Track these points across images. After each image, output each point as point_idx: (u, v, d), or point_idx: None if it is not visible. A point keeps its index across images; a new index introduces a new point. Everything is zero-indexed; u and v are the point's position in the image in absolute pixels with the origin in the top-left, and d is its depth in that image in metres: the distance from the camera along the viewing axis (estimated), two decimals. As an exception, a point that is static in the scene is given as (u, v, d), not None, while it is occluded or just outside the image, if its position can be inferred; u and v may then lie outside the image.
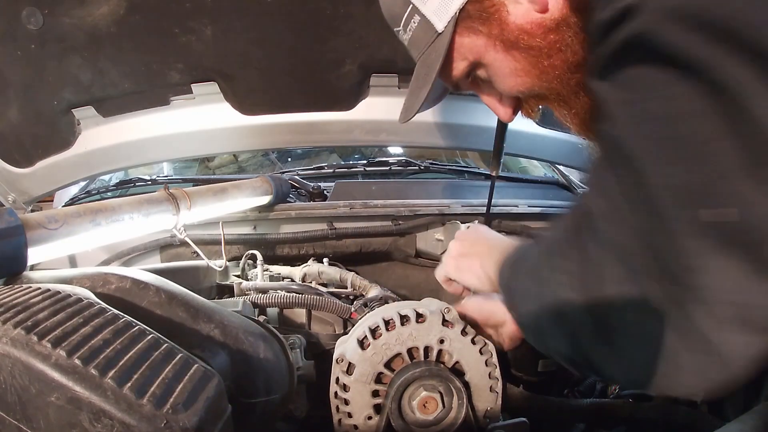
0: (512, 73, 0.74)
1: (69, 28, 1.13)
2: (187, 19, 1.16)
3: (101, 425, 0.48)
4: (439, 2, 0.71)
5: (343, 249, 1.44)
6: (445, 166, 2.06)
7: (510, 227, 1.49)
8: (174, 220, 1.05)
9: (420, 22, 0.74)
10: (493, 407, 0.85)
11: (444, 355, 0.83)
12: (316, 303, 1.09)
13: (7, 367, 0.49)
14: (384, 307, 0.91)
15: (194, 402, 0.53)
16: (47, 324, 0.52)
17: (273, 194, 1.37)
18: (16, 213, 0.70)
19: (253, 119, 1.44)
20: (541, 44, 0.68)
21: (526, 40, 0.69)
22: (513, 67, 0.73)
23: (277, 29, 1.22)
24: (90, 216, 0.85)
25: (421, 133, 1.55)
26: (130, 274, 0.74)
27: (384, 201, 1.47)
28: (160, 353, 0.56)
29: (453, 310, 0.86)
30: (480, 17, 0.70)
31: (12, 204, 1.49)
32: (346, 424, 0.83)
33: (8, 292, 0.58)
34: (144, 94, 1.35)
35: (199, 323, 0.74)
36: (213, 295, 1.27)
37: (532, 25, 0.68)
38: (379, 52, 1.28)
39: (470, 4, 0.70)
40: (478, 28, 0.71)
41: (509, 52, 0.71)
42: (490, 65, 0.75)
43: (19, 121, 1.31)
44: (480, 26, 0.71)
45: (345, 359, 0.82)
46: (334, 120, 1.47)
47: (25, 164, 1.44)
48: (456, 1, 0.70)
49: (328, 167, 1.99)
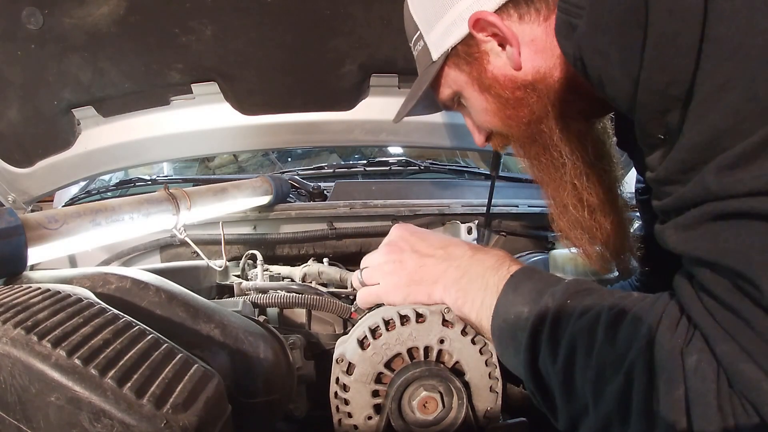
0: (483, 111, 0.85)
1: (69, 28, 1.13)
2: (188, 19, 1.16)
3: (101, 425, 0.48)
4: (438, 37, 0.82)
5: (343, 249, 1.44)
6: (445, 166, 2.06)
7: (510, 227, 1.49)
8: (174, 220, 1.05)
9: (423, 47, 0.85)
10: (493, 407, 0.85)
11: (444, 355, 0.83)
12: (316, 303, 1.09)
13: (6, 367, 0.49)
14: (384, 307, 0.91)
15: (194, 402, 0.53)
16: (47, 324, 0.52)
17: (273, 194, 1.37)
18: (16, 213, 0.70)
19: (253, 119, 1.44)
20: (509, 96, 0.79)
21: (496, 89, 0.80)
22: (484, 107, 0.84)
23: (277, 29, 1.22)
24: (90, 216, 0.85)
25: (421, 133, 1.55)
26: (130, 274, 0.74)
27: (384, 201, 1.47)
28: (160, 353, 0.56)
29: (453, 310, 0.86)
30: (466, 59, 0.81)
31: (12, 204, 1.49)
32: (346, 424, 0.83)
33: (8, 292, 0.58)
34: (144, 94, 1.35)
35: (199, 323, 0.74)
36: (213, 295, 1.27)
37: (505, 78, 0.79)
38: (379, 52, 1.28)
39: (461, 45, 0.80)
40: (463, 66, 0.82)
41: (483, 93, 0.82)
42: (468, 99, 0.86)
43: (19, 121, 1.31)
44: (464, 65, 0.82)
45: (345, 359, 0.82)
46: (334, 120, 1.47)
47: (25, 164, 1.44)
48: (450, 39, 0.80)
49: (328, 167, 1.99)
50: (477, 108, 0.86)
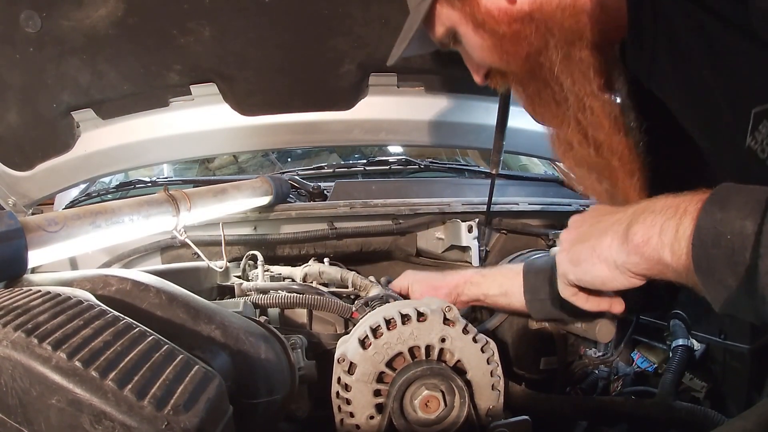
0: (479, 48, 0.82)
1: (67, 30, 1.13)
2: (186, 21, 1.16)
3: (102, 427, 0.48)
4: None
5: (343, 248, 1.44)
6: (445, 164, 2.06)
7: (510, 225, 1.49)
8: (174, 222, 1.05)
9: None
10: (495, 405, 0.85)
11: (445, 354, 0.83)
12: (317, 303, 1.09)
13: (8, 370, 0.49)
14: (385, 306, 0.91)
15: (195, 403, 0.53)
16: (48, 327, 0.52)
17: (273, 194, 1.37)
18: (16, 216, 0.70)
19: (252, 120, 1.44)
20: (505, 31, 0.76)
21: (491, 24, 0.77)
22: (480, 44, 0.81)
23: (275, 29, 1.22)
24: (90, 218, 0.85)
25: (420, 132, 1.55)
26: (131, 276, 0.74)
27: (384, 200, 1.46)
28: (160, 355, 0.56)
29: (454, 309, 0.86)
30: None
31: (12, 207, 1.49)
32: (348, 424, 0.83)
33: (9, 295, 0.58)
34: (143, 95, 1.35)
35: (200, 324, 0.74)
36: (214, 296, 1.27)
37: (499, 12, 0.76)
38: (377, 51, 1.28)
39: None
40: (455, 2, 0.78)
41: (477, 30, 0.79)
42: (463, 36, 0.83)
43: (19, 124, 1.31)
44: (456, 1, 0.78)
45: (346, 359, 0.82)
46: (333, 120, 1.47)
47: (24, 167, 1.44)
48: None
49: (328, 167, 1.99)
50: (472, 45, 0.83)
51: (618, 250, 0.63)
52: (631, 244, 0.61)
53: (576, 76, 0.77)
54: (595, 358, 1.20)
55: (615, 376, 1.25)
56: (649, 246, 0.59)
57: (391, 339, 0.81)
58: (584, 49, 0.77)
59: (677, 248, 0.57)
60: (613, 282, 0.66)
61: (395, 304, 0.94)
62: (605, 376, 1.23)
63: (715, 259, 0.54)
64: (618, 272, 0.65)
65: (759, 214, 0.51)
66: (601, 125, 0.79)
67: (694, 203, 0.56)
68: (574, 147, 0.82)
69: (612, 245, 0.64)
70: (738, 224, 0.52)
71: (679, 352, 1.13)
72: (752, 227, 0.51)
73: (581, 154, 0.82)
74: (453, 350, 0.82)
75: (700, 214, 0.54)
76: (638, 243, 0.60)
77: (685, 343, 1.15)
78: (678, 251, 0.56)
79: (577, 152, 0.82)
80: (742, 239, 0.51)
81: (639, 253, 0.60)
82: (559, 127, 0.83)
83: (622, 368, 1.28)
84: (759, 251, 0.50)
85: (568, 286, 0.77)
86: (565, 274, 0.75)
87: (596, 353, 1.20)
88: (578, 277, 0.72)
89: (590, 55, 0.77)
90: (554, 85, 0.79)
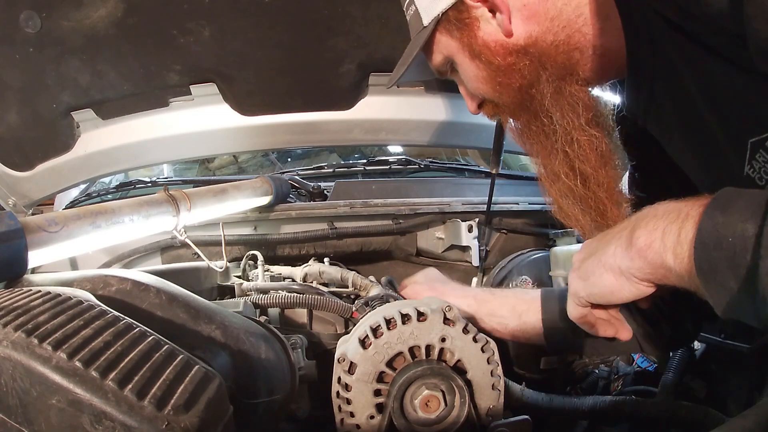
0: (474, 78, 0.85)
1: (67, 30, 1.13)
2: (185, 21, 1.16)
3: (103, 427, 0.48)
4: (429, 1, 0.81)
5: (343, 248, 1.44)
6: (445, 164, 2.06)
7: (511, 225, 1.49)
8: (174, 222, 1.05)
9: (414, 12, 0.85)
10: (496, 405, 0.84)
11: (446, 354, 0.83)
12: (318, 303, 1.09)
13: (8, 370, 0.49)
14: (385, 306, 0.91)
15: (195, 403, 0.53)
16: (48, 327, 0.52)
17: (273, 194, 1.37)
18: (16, 216, 0.70)
19: (252, 120, 1.44)
20: (500, 63, 0.79)
21: (487, 56, 0.79)
22: (475, 74, 0.84)
23: (275, 29, 1.22)
24: (90, 218, 0.85)
25: (420, 132, 1.55)
26: (131, 276, 0.74)
27: (384, 200, 1.47)
28: (161, 355, 0.56)
29: (454, 308, 0.86)
30: (456, 24, 0.80)
31: (12, 207, 1.50)
32: (348, 424, 0.82)
33: (9, 296, 0.58)
34: (143, 96, 1.35)
35: (200, 324, 0.74)
36: (214, 296, 1.27)
37: (496, 44, 0.78)
38: (377, 51, 1.28)
39: (452, 11, 0.79)
40: (454, 32, 0.81)
41: (473, 60, 0.82)
42: (459, 65, 0.86)
43: (19, 124, 1.32)
44: (455, 31, 0.81)
45: (347, 359, 0.82)
46: (333, 119, 1.47)
47: (25, 167, 1.44)
48: (441, 4, 0.80)
49: (328, 167, 1.99)
50: (468, 75, 0.86)
51: (622, 255, 0.64)
52: (635, 249, 0.62)
53: (565, 110, 0.80)
54: (595, 358, 1.20)
55: (615, 375, 1.25)
56: (652, 250, 0.60)
57: (391, 339, 0.81)
58: (574, 84, 0.80)
59: (680, 251, 0.58)
60: (621, 291, 0.67)
61: (395, 303, 0.94)
62: (605, 375, 1.23)
63: (716, 261, 0.54)
64: (624, 279, 0.65)
65: (759, 216, 0.52)
66: (587, 158, 0.81)
67: (696, 207, 0.57)
68: (561, 178, 0.84)
69: (616, 252, 0.65)
70: (739, 227, 0.53)
71: (679, 352, 1.13)
72: (753, 230, 0.52)
73: (568, 185, 0.84)
74: (453, 350, 0.82)
75: (701, 218, 0.56)
76: (641, 247, 0.61)
77: (685, 343, 1.15)
78: (680, 254, 0.57)
79: (564, 184, 0.84)
80: (743, 241, 0.52)
81: (642, 257, 0.61)
82: (547, 159, 0.85)
83: (622, 368, 1.28)
84: (759, 253, 0.51)
85: (578, 306, 0.77)
86: (576, 292, 0.75)
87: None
88: (588, 291, 0.72)
89: (580, 90, 0.80)
90: (544, 117, 0.81)
